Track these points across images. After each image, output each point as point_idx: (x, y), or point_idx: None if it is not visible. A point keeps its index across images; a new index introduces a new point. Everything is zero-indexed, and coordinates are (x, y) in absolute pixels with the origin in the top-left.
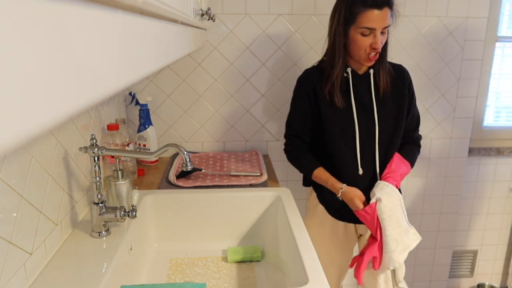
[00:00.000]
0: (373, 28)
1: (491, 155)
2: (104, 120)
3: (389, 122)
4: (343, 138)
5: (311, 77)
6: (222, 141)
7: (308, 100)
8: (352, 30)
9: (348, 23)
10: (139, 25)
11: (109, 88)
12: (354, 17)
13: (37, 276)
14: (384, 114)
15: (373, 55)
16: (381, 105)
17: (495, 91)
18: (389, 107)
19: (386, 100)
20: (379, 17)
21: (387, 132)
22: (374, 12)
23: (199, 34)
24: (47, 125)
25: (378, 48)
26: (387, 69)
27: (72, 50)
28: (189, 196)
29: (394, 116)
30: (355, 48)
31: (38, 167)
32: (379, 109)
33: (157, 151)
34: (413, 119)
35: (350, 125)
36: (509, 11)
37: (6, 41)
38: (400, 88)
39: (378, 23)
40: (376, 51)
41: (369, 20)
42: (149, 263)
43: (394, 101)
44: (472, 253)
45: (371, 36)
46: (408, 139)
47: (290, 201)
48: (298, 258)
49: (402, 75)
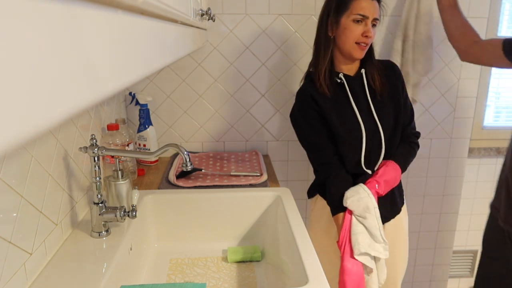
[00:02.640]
0: (366, 15)
1: (491, 155)
2: (104, 120)
3: (389, 119)
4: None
5: (309, 92)
6: (222, 141)
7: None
8: (344, 18)
9: (341, 11)
10: (139, 25)
11: (109, 88)
12: (347, 4)
13: (37, 276)
14: (383, 113)
15: (364, 45)
16: (379, 104)
17: (495, 91)
18: (387, 104)
19: (382, 98)
20: (370, 6)
21: (388, 129)
22: (368, 1)
23: (199, 34)
24: (49, 124)
25: (370, 35)
26: (377, 67)
27: (72, 50)
28: (189, 196)
29: (393, 112)
30: (346, 37)
31: (38, 167)
32: (377, 108)
33: (157, 151)
34: (406, 112)
35: (358, 138)
36: (509, 11)
37: (7, 42)
38: (393, 83)
39: (370, 11)
40: (368, 41)
41: (362, 7)
42: (149, 263)
43: (391, 97)
44: (472, 253)
45: (363, 24)
46: (404, 135)
47: (290, 201)
48: (298, 258)
49: (392, 69)
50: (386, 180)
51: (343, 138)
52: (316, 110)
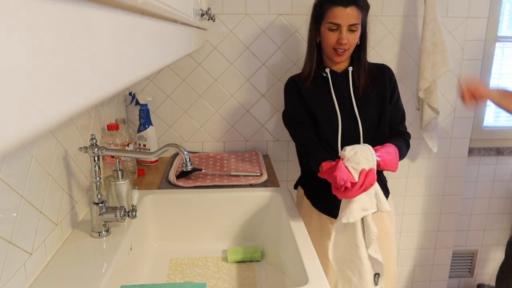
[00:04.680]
0: (338, 23)
1: (491, 155)
2: (104, 120)
3: (371, 118)
4: (328, 134)
5: (293, 79)
6: (222, 141)
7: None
8: (323, 26)
9: (319, 20)
10: (139, 25)
11: (109, 87)
12: (323, 13)
13: (37, 276)
14: (366, 111)
15: (341, 51)
16: (362, 102)
17: None
18: (371, 104)
19: (367, 97)
20: (343, 14)
21: (369, 129)
22: (340, 9)
23: (199, 34)
24: (51, 123)
25: (343, 43)
26: (366, 69)
27: (71, 50)
28: (189, 196)
29: (377, 111)
30: (325, 44)
31: (38, 167)
32: (360, 106)
33: (157, 151)
34: (396, 112)
35: (334, 124)
36: (509, 11)
37: (9, 42)
38: (381, 83)
39: (343, 19)
40: (343, 47)
41: (335, 16)
42: (149, 263)
43: (376, 96)
44: (472, 253)
45: (338, 31)
46: (396, 132)
47: (290, 201)
48: (298, 258)
49: (383, 71)
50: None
51: (321, 120)
52: (297, 91)
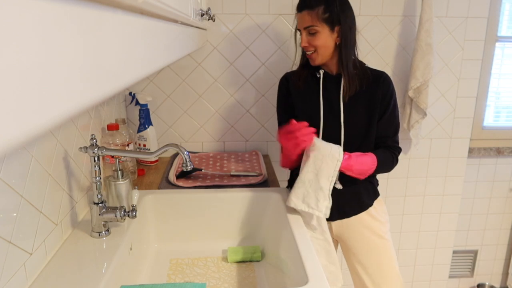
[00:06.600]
0: (299, 28)
1: (491, 155)
2: (104, 120)
3: (357, 127)
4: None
5: (286, 76)
6: (222, 141)
7: (286, 96)
8: None
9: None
10: (139, 25)
11: (109, 87)
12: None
13: (37, 276)
14: (352, 118)
15: (308, 53)
16: (349, 109)
17: (495, 91)
18: (358, 112)
19: (355, 104)
20: (299, 18)
21: (354, 137)
22: (297, 15)
23: (199, 34)
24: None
25: (304, 45)
26: (352, 73)
27: (72, 50)
28: (189, 196)
29: (364, 121)
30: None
31: (38, 167)
32: (346, 112)
33: (157, 151)
34: (390, 125)
35: (315, 126)
36: (509, 11)
37: (9, 43)
38: (373, 93)
39: (300, 24)
40: (306, 49)
41: (297, 21)
42: (149, 263)
43: (365, 106)
44: (472, 253)
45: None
46: (386, 145)
47: None
48: (298, 258)
49: (378, 81)
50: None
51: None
52: (286, 88)
